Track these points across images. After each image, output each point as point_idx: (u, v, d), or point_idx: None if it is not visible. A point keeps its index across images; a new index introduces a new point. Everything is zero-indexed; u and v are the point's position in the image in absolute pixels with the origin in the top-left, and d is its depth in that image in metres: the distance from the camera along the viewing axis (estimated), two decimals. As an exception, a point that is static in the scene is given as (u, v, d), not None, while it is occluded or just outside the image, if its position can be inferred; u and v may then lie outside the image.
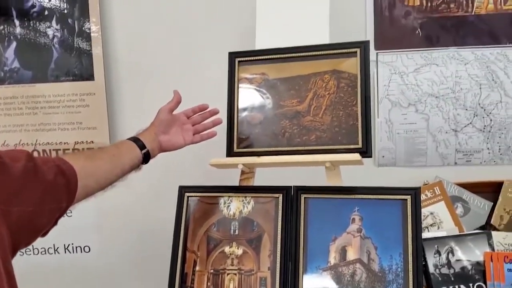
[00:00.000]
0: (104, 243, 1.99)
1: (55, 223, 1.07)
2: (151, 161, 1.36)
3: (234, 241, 1.36)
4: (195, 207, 1.42)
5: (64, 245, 1.98)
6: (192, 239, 1.38)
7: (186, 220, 1.40)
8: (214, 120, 1.47)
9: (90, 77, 1.86)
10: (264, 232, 1.34)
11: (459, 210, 1.75)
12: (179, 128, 1.42)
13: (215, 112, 1.48)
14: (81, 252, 1.99)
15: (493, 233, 1.52)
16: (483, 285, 1.41)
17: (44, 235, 1.06)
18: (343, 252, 1.27)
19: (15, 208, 0.91)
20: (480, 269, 1.43)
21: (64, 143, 1.89)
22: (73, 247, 1.98)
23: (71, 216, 1.90)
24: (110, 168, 1.22)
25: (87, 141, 1.89)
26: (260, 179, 1.46)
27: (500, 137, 1.79)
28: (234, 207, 1.39)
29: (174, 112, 1.44)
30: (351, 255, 1.26)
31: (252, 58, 1.45)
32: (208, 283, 1.33)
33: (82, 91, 1.87)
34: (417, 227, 1.22)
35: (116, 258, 2.00)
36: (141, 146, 1.30)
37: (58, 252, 1.98)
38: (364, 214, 1.28)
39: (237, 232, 1.37)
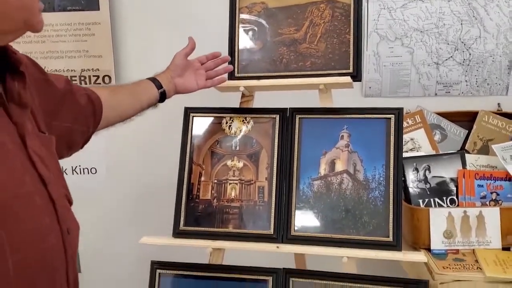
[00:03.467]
0: (111, 165, 2.14)
1: (82, 146, 1.22)
2: None
3: (236, 155, 1.51)
4: (200, 126, 1.56)
5: (72, 166, 2.12)
6: (198, 154, 1.53)
7: (192, 138, 1.55)
8: (225, 67, 1.54)
9: (95, 7, 1.95)
10: (262, 148, 1.50)
11: (437, 136, 1.92)
12: (192, 73, 1.50)
13: (226, 60, 1.55)
14: (88, 173, 2.13)
15: (467, 154, 1.68)
16: (455, 198, 1.59)
17: (70, 155, 1.19)
18: (332, 164, 1.43)
19: (54, 122, 1.04)
20: (453, 185, 1.60)
21: (72, 70, 2.00)
22: (80, 168, 2.13)
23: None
24: (130, 103, 1.36)
25: (93, 69, 2.00)
26: (258, 105, 1.60)
27: (477, 70, 1.94)
28: (235, 126, 1.54)
29: (189, 58, 1.51)
30: (339, 166, 1.42)
31: (253, -13, 1.56)
32: (212, 191, 1.49)
33: (88, 21, 1.96)
34: (399, 143, 1.38)
35: (122, 179, 2.16)
36: (158, 86, 1.41)
37: (66, 173, 2.12)
38: (352, 131, 1.43)
39: (238, 148, 1.52)
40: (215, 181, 1.50)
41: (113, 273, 2.22)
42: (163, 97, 1.43)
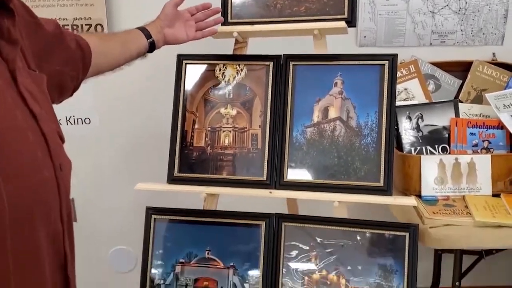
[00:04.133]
0: (104, 114, 2.13)
1: (72, 93, 1.21)
2: None
3: (229, 103, 1.51)
4: (193, 74, 1.55)
5: (66, 117, 2.12)
6: (191, 102, 1.53)
7: (185, 85, 1.54)
8: (215, 19, 1.51)
9: (86, -47, 1.90)
10: (256, 95, 1.49)
11: (431, 86, 1.92)
12: (182, 23, 1.47)
13: (217, 11, 1.52)
14: (82, 123, 2.13)
15: (460, 103, 1.69)
16: (447, 146, 1.60)
17: (61, 101, 1.19)
18: (325, 111, 1.44)
19: (45, 65, 1.02)
20: (445, 133, 1.61)
21: (63, 19, 1.96)
22: (74, 119, 2.12)
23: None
24: (120, 51, 1.34)
25: (85, 17, 1.96)
26: (251, 52, 1.58)
27: (473, 19, 1.92)
28: (228, 74, 1.53)
29: (178, 9, 1.48)
30: (332, 114, 1.43)
31: None
32: (206, 139, 1.50)
33: (79, -33, 1.92)
34: (392, 89, 1.38)
35: (115, 128, 2.16)
36: (148, 35, 1.39)
37: (61, 124, 2.10)
38: (345, 78, 1.43)
39: (231, 95, 1.52)
40: (209, 128, 1.50)
41: (106, 222, 2.25)
42: (152, 47, 1.41)
